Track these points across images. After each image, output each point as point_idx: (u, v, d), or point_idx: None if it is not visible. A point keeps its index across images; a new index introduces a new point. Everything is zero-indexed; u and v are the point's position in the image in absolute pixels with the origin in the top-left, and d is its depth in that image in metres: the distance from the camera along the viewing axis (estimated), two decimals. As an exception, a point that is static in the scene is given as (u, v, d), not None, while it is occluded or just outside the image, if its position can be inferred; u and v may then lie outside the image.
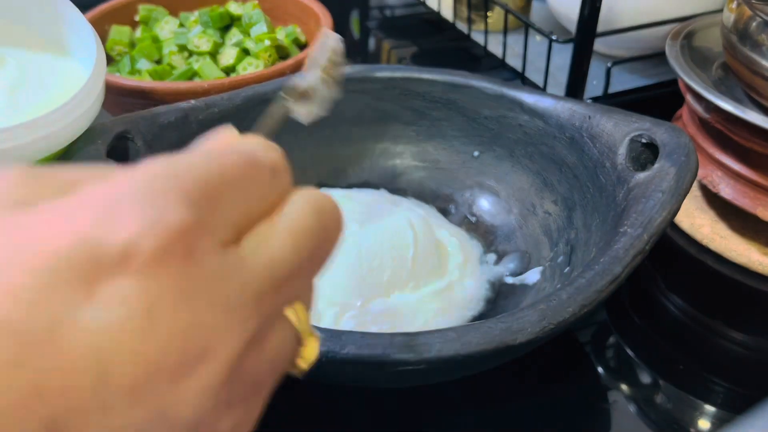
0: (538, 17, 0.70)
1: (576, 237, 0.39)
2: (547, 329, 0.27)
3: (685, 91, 0.47)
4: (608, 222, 0.34)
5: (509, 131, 0.44)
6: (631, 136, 0.36)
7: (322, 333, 0.26)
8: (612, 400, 0.36)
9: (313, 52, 0.24)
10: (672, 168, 0.33)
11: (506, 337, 0.26)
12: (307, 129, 0.31)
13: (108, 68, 0.58)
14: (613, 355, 0.39)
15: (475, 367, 0.30)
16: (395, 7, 0.84)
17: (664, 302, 0.43)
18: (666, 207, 0.31)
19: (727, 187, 0.44)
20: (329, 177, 0.47)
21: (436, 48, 0.74)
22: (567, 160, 0.40)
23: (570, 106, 0.40)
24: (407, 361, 0.25)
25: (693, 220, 0.47)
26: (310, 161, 0.46)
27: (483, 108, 0.44)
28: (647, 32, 0.55)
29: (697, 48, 0.48)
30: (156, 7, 0.63)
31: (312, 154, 0.46)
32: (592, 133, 0.38)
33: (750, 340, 0.40)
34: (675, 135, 0.34)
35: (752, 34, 0.41)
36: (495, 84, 0.43)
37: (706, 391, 0.37)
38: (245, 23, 0.61)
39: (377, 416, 0.35)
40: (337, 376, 0.30)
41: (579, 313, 0.27)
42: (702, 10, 0.54)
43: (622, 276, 0.29)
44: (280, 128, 0.22)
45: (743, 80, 0.43)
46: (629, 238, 0.30)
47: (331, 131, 0.46)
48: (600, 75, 0.57)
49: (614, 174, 0.36)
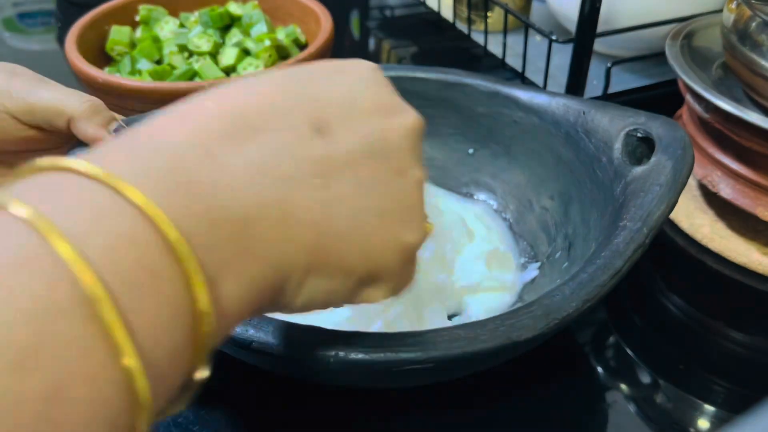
0: (538, 17, 0.70)
1: (574, 232, 0.39)
2: (552, 325, 0.27)
3: (685, 91, 0.47)
4: (607, 217, 0.34)
5: (504, 128, 0.44)
6: (627, 131, 0.36)
7: (324, 334, 0.26)
8: (612, 400, 0.36)
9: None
10: (669, 161, 0.33)
11: (512, 334, 0.26)
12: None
13: (108, 68, 0.58)
14: (613, 355, 0.39)
15: (481, 365, 0.30)
16: (395, 7, 0.84)
17: (664, 302, 0.43)
18: (664, 200, 0.31)
19: (727, 187, 0.44)
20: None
21: (436, 48, 0.74)
22: (563, 155, 0.40)
23: (564, 102, 0.40)
24: (414, 359, 0.25)
25: (693, 220, 0.47)
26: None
27: (478, 105, 0.44)
28: (647, 32, 0.55)
29: (697, 48, 0.48)
30: (156, 7, 0.63)
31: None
32: (587, 129, 0.38)
33: (750, 340, 0.40)
34: (671, 129, 0.34)
35: (752, 34, 0.41)
36: (489, 81, 0.43)
37: (706, 391, 0.37)
38: (245, 23, 0.61)
39: (377, 416, 0.35)
40: (343, 377, 0.30)
41: (582, 308, 0.27)
42: (702, 10, 0.54)
43: (624, 270, 0.29)
44: None
45: (743, 80, 0.43)
46: (629, 232, 0.30)
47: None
48: (600, 75, 0.57)
49: (611, 169, 0.36)
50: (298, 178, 0.19)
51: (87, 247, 0.14)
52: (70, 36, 0.56)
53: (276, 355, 0.26)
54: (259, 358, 0.28)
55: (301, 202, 0.19)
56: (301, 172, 0.19)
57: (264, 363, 0.30)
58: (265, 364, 0.30)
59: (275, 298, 0.20)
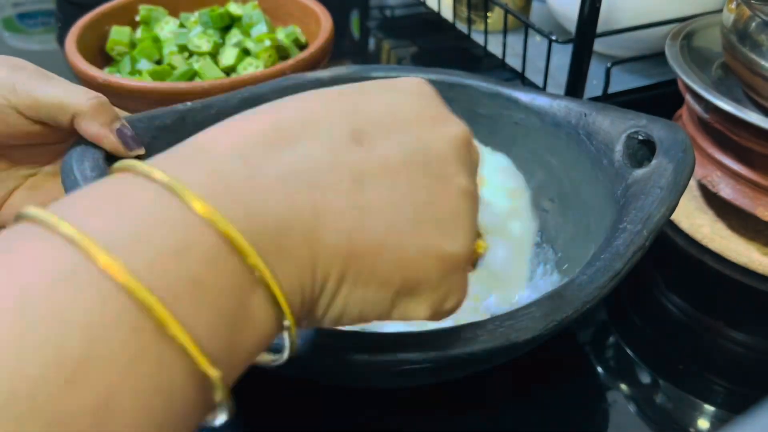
0: (538, 17, 0.70)
1: (574, 234, 0.39)
2: (551, 326, 0.27)
3: (685, 91, 0.47)
4: (607, 219, 0.34)
5: (505, 129, 0.44)
6: (628, 133, 0.36)
7: (325, 334, 0.26)
8: (612, 400, 0.36)
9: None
10: (669, 164, 0.33)
11: (511, 335, 0.26)
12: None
13: (108, 68, 0.58)
14: (613, 355, 0.39)
15: (479, 366, 0.30)
16: (395, 7, 0.84)
17: (664, 302, 0.43)
18: (665, 203, 0.31)
19: (727, 187, 0.44)
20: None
21: (436, 48, 0.74)
22: (564, 157, 0.40)
23: (566, 104, 0.40)
24: (413, 359, 0.25)
25: (693, 220, 0.47)
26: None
27: (478, 107, 0.44)
28: (647, 32, 0.55)
29: (696, 48, 0.48)
30: (156, 8, 0.63)
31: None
32: (588, 131, 0.38)
33: (750, 340, 0.40)
34: (672, 131, 0.34)
35: (752, 34, 0.41)
36: (490, 82, 0.43)
37: (706, 391, 0.37)
38: (245, 23, 0.61)
39: (377, 416, 0.35)
40: (343, 376, 0.30)
41: (581, 310, 0.27)
42: (702, 10, 0.54)
43: (623, 272, 0.29)
44: None
45: (743, 80, 0.43)
46: (629, 234, 0.30)
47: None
48: (600, 75, 0.57)
49: (612, 171, 0.36)
50: (333, 184, 0.19)
51: (136, 259, 0.15)
52: (70, 36, 0.56)
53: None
54: (259, 358, 0.28)
55: (334, 208, 0.19)
56: (336, 178, 0.19)
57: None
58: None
59: (311, 307, 0.20)
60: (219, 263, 0.16)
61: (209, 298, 0.16)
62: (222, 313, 0.16)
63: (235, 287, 0.16)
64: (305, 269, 0.18)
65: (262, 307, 0.17)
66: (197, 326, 0.15)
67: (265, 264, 0.17)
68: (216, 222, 0.16)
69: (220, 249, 0.16)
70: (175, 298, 0.15)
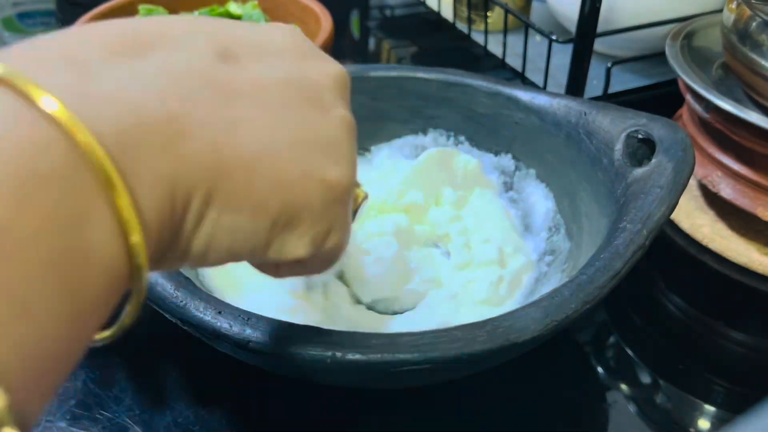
0: (538, 17, 0.70)
1: (574, 233, 0.39)
2: (551, 326, 0.27)
3: (685, 91, 0.47)
4: (607, 218, 0.34)
5: (505, 129, 0.44)
6: (628, 132, 0.36)
7: (322, 334, 0.26)
8: (612, 400, 0.36)
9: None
10: (669, 163, 0.33)
11: (510, 335, 0.26)
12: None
13: (108, 68, 0.58)
14: (613, 355, 0.39)
15: (479, 366, 0.30)
16: (395, 7, 0.84)
17: (664, 302, 0.43)
18: (664, 202, 0.31)
19: (727, 187, 0.44)
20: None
21: (436, 48, 0.74)
22: (564, 156, 0.40)
23: (565, 103, 0.40)
24: (412, 360, 0.25)
25: (693, 220, 0.47)
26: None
27: (479, 106, 0.44)
28: (647, 32, 0.55)
29: (697, 48, 0.48)
30: (156, 7, 0.62)
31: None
32: (588, 130, 0.38)
33: (750, 340, 0.40)
34: (671, 130, 0.34)
35: (752, 34, 0.41)
36: (490, 82, 0.43)
37: (706, 391, 0.37)
38: (245, 23, 0.61)
39: (377, 416, 0.35)
40: (341, 377, 0.30)
41: (581, 310, 0.27)
42: (702, 10, 0.54)
43: (623, 271, 0.29)
44: None
45: (743, 80, 0.43)
46: (629, 233, 0.30)
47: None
48: (600, 75, 0.57)
49: (612, 170, 0.36)
50: (193, 92, 0.17)
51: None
52: (70, 36, 0.56)
53: (273, 355, 0.26)
54: (257, 358, 0.28)
55: (196, 118, 0.17)
56: (198, 90, 0.17)
57: (262, 363, 0.30)
58: (264, 364, 0.30)
59: (174, 234, 0.17)
60: (51, 151, 0.14)
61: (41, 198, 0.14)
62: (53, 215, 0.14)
63: (87, 184, 0.14)
64: (162, 181, 0.16)
65: (125, 208, 0.15)
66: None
67: (114, 166, 0.14)
68: (60, 118, 0.14)
69: (52, 139, 0.14)
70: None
